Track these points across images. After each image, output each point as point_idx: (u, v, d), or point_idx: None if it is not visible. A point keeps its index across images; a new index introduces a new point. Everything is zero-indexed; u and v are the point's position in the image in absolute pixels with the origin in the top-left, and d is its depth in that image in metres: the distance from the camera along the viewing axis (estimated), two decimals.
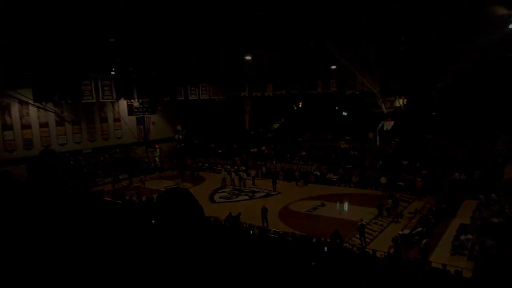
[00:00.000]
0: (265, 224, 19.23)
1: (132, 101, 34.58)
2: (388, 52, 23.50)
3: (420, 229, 17.51)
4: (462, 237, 16.51)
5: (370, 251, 14.18)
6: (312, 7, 16.83)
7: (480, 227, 16.95)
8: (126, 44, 23.83)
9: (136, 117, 36.88)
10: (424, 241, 15.91)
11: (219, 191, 27.68)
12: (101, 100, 31.01)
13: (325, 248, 12.88)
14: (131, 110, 35.92)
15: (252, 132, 37.89)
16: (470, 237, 16.23)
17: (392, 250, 15.11)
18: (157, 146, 38.36)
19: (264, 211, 19.72)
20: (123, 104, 35.35)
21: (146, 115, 37.22)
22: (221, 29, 20.09)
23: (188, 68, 28.81)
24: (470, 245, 15.94)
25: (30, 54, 22.12)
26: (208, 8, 17.34)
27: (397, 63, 25.15)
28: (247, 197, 26.20)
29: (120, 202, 20.36)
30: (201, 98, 34.86)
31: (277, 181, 28.60)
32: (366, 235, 18.40)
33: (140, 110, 35.95)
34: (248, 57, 23.45)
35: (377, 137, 31.90)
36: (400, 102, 29.99)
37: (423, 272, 11.80)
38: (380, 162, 28.55)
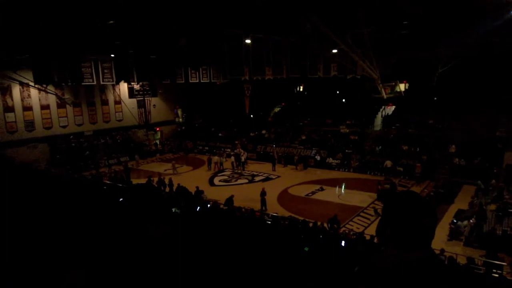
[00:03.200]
0: (264, 208, 19.38)
1: (132, 83, 34.48)
2: (388, 35, 23.21)
3: None
4: (459, 222, 16.64)
5: (368, 236, 14.32)
6: None
7: (478, 213, 17.03)
8: (125, 26, 23.62)
9: (137, 100, 36.86)
10: None
11: (219, 174, 27.86)
12: (102, 82, 30.83)
13: (321, 236, 13.08)
14: (131, 92, 35.87)
15: (252, 116, 37.83)
16: (467, 222, 16.33)
17: None
18: (158, 128, 38.46)
19: (263, 194, 19.86)
20: (123, 86, 35.25)
21: (147, 98, 37.17)
22: (221, 11, 19.87)
23: (188, 50, 28.58)
24: (468, 231, 16.06)
25: (29, 35, 21.97)
26: None
27: (397, 47, 24.93)
28: (247, 181, 26.35)
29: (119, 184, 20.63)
30: (202, 81, 34.67)
31: (276, 164, 28.87)
32: (364, 219, 18.64)
33: (140, 92, 35.89)
34: (248, 41, 23.18)
35: (378, 122, 31.91)
36: (400, 87, 29.77)
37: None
38: (380, 147, 28.53)
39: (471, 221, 16.26)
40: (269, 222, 15.75)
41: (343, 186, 24.08)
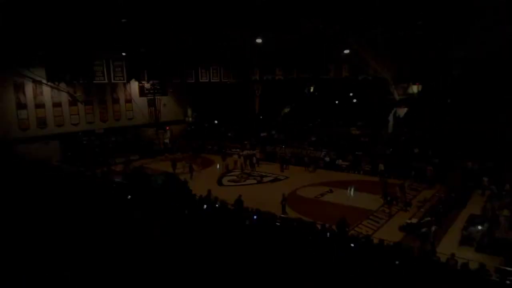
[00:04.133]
0: (284, 214, 18.79)
1: (143, 82, 34.64)
2: (402, 36, 22.86)
3: (429, 218, 17.27)
4: (472, 228, 16.29)
5: (377, 240, 14.07)
6: None
7: (491, 218, 16.66)
8: (137, 25, 23.73)
9: (147, 99, 37.01)
10: (425, 229, 15.71)
11: (228, 175, 27.78)
12: (113, 81, 31.14)
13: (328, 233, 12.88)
14: (142, 91, 36.03)
15: (262, 116, 37.71)
16: (480, 228, 15.97)
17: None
18: (167, 127, 38.57)
19: (284, 200, 19.43)
20: (134, 85, 35.47)
21: (157, 97, 37.30)
22: (232, 11, 19.79)
23: (198, 50, 28.63)
24: (480, 237, 15.71)
25: (42, 33, 22.22)
26: None
27: (411, 48, 24.52)
28: (255, 181, 26.23)
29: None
30: (212, 81, 34.71)
31: (285, 165, 28.72)
32: (373, 222, 18.38)
33: (151, 91, 36.03)
34: (258, 40, 23.09)
35: (390, 124, 31.47)
36: (414, 88, 29.31)
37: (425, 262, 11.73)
38: (391, 149, 28.16)
39: (483, 226, 15.91)
40: (278, 224, 15.60)
41: (352, 189, 23.76)
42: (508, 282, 10.74)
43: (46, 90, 29.96)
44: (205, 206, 16.23)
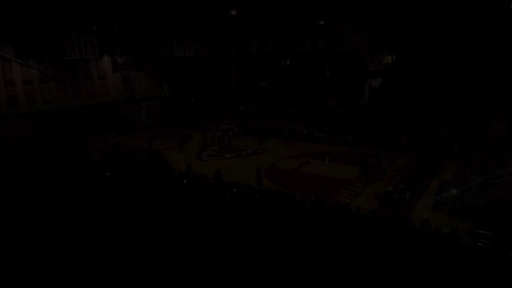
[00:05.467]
0: (260, 186, 19.07)
1: (116, 58, 33.66)
2: (376, 7, 22.85)
3: (403, 186, 17.87)
4: (444, 194, 16.92)
5: (354, 208, 14.51)
6: None
7: (463, 184, 17.31)
8: None
9: (121, 75, 36.06)
10: (399, 196, 16.28)
11: (207, 149, 27.76)
12: (84, 57, 30.13)
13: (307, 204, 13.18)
14: (115, 67, 35.06)
15: (239, 90, 37.47)
16: (452, 194, 16.60)
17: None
18: (143, 104, 37.87)
19: (259, 172, 19.65)
20: (107, 61, 34.42)
21: (132, 72, 36.37)
22: None
23: (172, 23, 27.88)
24: (451, 202, 16.36)
25: (9, 8, 21.19)
26: None
27: (386, 20, 24.59)
28: (234, 155, 26.33)
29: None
30: (187, 55, 34.03)
31: (263, 139, 28.87)
32: (351, 192, 18.87)
33: (125, 67, 35.08)
34: (233, 13, 22.65)
35: (366, 95, 31.92)
36: (388, 59, 29.60)
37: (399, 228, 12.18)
38: (367, 120, 28.62)
39: (455, 192, 16.54)
40: (258, 196, 15.79)
41: (327, 160, 24.16)
42: (480, 244, 11.32)
43: (16, 68, 28.84)
44: (185, 181, 16.25)
